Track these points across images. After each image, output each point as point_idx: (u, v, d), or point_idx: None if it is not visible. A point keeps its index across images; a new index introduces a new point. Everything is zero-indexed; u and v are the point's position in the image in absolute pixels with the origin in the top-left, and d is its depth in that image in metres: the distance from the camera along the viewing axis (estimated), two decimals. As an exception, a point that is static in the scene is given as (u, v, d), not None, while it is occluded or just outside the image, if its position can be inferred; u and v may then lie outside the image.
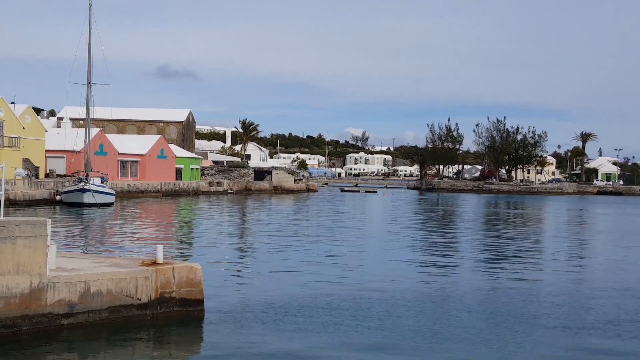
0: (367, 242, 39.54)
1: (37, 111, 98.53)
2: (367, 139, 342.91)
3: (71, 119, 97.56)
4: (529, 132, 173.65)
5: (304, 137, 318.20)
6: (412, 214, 70.83)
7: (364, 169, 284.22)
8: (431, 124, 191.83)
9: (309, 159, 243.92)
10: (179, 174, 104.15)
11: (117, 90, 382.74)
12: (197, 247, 35.04)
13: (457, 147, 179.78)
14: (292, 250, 33.60)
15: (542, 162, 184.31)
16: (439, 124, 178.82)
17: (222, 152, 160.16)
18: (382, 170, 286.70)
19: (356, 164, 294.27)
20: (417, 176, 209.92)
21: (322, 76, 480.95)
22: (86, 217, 52.02)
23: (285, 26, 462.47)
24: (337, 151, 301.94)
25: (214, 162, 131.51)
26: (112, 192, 70.71)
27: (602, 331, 17.64)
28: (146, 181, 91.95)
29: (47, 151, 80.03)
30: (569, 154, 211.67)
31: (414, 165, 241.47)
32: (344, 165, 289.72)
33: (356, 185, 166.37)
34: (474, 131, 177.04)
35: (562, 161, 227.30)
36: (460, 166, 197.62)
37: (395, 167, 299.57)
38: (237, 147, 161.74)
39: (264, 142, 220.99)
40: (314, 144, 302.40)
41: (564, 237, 47.19)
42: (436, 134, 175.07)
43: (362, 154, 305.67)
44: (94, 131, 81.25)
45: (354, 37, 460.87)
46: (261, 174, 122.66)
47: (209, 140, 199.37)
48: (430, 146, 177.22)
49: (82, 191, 64.13)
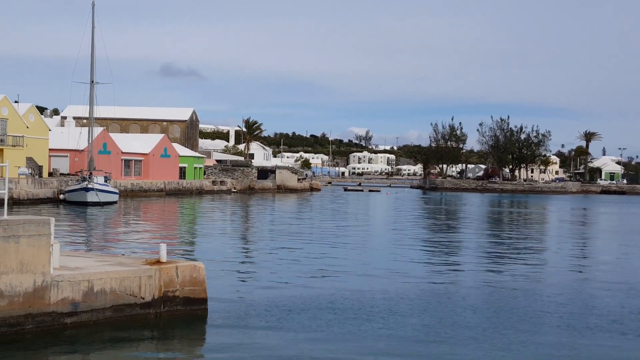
0: (370, 241, 39.52)
1: (41, 110, 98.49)
2: (370, 138, 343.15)
3: (74, 118, 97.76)
4: (533, 131, 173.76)
5: (308, 136, 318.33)
6: (416, 213, 70.76)
7: (368, 168, 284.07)
8: (435, 123, 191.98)
9: (313, 158, 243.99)
10: (182, 173, 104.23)
11: (121, 89, 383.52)
12: (200, 246, 35.03)
13: (461, 146, 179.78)
14: (295, 249, 33.57)
15: (546, 162, 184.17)
16: (443, 123, 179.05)
17: (226, 151, 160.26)
18: (385, 169, 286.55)
19: (359, 163, 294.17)
20: (420, 175, 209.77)
21: (326, 75, 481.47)
22: (90, 216, 52.06)
23: (288, 25, 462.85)
24: (341, 150, 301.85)
25: (217, 161, 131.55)
26: (116, 191, 70.78)
27: (606, 330, 17.59)
28: (150, 180, 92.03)
29: (50, 150, 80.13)
30: (573, 153, 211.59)
31: (417, 164, 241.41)
32: (348, 164, 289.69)
33: (359, 184, 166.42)
34: (478, 130, 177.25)
35: (565, 160, 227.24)
36: (463, 165, 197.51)
37: (398, 166, 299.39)
38: (241, 146, 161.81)
39: (267, 141, 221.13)
40: (317, 143, 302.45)
41: (567, 236, 47.15)
42: (440, 133, 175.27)
43: (365, 153, 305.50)
44: (98, 130, 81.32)
45: (357, 36, 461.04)
46: (264, 173, 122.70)
47: (213, 139, 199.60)
48: (433, 145, 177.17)
49: (86, 190, 64.18)
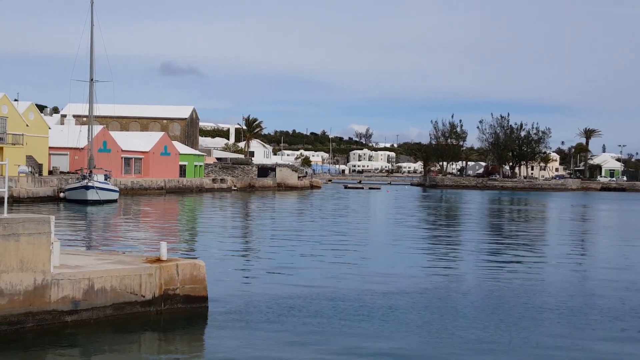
0: (371, 239, 39.51)
1: (41, 108, 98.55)
2: (370, 136, 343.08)
3: (74, 116, 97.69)
4: (533, 128, 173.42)
5: (308, 133, 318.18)
6: (416, 210, 70.76)
7: (368, 166, 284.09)
8: (435, 120, 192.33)
9: (313, 156, 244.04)
10: (182, 171, 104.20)
11: (121, 87, 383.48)
12: (200, 243, 35.00)
13: (461, 143, 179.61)
14: (296, 246, 33.56)
15: (546, 159, 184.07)
16: (443, 121, 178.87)
17: (226, 149, 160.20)
18: (385, 167, 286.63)
19: (360, 160, 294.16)
20: (420, 173, 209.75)
21: (326, 73, 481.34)
22: (90, 214, 52.05)
23: (289, 23, 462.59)
24: (341, 148, 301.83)
25: (217, 159, 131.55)
26: (116, 189, 70.74)
27: (607, 326, 17.59)
28: (150, 178, 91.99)
29: (50, 148, 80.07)
30: (573, 150, 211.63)
31: (417, 161, 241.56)
32: (348, 162, 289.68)
33: (360, 181, 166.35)
34: (478, 128, 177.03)
35: (565, 157, 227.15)
36: (464, 163, 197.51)
37: (399, 164, 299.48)
38: (241, 144, 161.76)
39: (267, 139, 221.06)
40: (317, 141, 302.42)
41: (568, 233, 47.15)
42: (440, 130, 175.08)
43: (365, 150, 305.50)
44: (98, 128, 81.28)
45: (357, 34, 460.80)
46: (265, 171, 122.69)
47: (213, 137, 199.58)
48: (434, 143, 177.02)
49: (86, 188, 64.16)
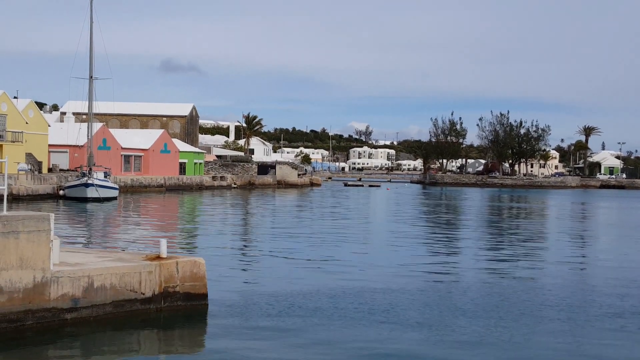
0: (371, 236, 39.49)
1: (40, 106, 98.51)
2: (370, 133, 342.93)
3: (74, 114, 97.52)
4: (532, 126, 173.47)
5: (308, 131, 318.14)
6: (416, 208, 70.74)
7: (368, 163, 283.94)
8: (435, 118, 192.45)
9: (313, 154, 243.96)
10: (182, 168, 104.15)
11: (121, 84, 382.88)
12: (200, 241, 34.98)
13: (461, 141, 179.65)
14: (296, 244, 33.54)
15: (546, 156, 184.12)
16: (443, 118, 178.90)
17: (226, 146, 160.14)
18: (385, 164, 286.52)
19: (360, 158, 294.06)
20: (420, 170, 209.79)
21: (326, 70, 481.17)
22: (89, 212, 52.04)
23: (289, 20, 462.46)
24: (341, 145, 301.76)
25: (217, 156, 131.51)
26: (116, 186, 70.71)
27: (606, 323, 17.59)
28: (149, 176, 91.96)
29: (50, 146, 79.98)
30: (572, 147, 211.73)
31: (417, 159, 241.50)
32: (348, 159, 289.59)
33: (360, 179, 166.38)
34: (478, 125, 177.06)
35: (565, 155, 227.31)
36: (463, 160, 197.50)
37: (398, 161, 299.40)
38: (241, 142, 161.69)
39: (267, 137, 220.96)
40: (317, 139, 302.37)
41: (567, 231, 47.12)
42: (440, 128, 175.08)
43: (365, 148, 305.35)
44: (97, 126, 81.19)
45: (358, 32, 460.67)
46: (265, 169, 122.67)
47: (213, 134, 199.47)
48: (433, 140, 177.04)
49: (86, 186, 64.14)
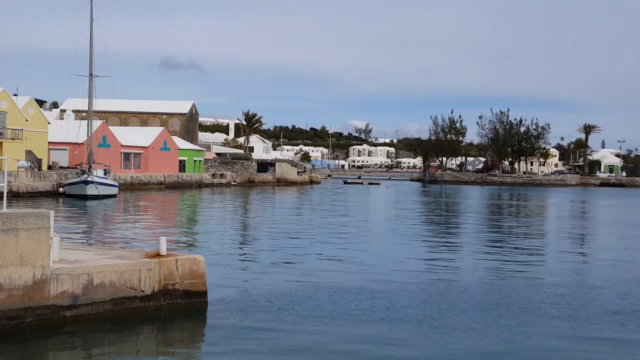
0: (370, 234, 39.44)
1: (40, 103, 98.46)
2: (370, 131, 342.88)
3: (74, 111, 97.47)
4: (532, 124, 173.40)
5: (307, 129, 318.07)
6: (415, 205, 70.72)
7: (367, 161, 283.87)
8: (434, 116, 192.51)
9: (312, 151, 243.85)
10: (182, 166, 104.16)
11: (121, 82, 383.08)
12: (200, 238, 34.97)
13: (461, 139, 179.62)
14: (295, 241, 33.53)
15: (545, 154, 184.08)
16: (443, 116, 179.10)
17: (226, 144, 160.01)
18: (385, 162, 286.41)
19: (359, 156, 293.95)
20: (420, 168, 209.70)
21: (326, 68, 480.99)
22: (89, 209, 52.00)
23: (289, 18, 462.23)
24: (341, 143, 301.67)
25: (217, 154, 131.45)
26: (115, 184, 70.66)
27: (607, 321, 17.60)
28: (149, 173, 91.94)
29: (50, 143, 80.00)
30: (572, 145, 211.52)
31: (417, 157, 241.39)
32: (347, 157, 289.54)
33: (359, 177, 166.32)
34: (477, 123, 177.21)
35: (565, 153, 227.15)
36: (463, 158, 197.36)
37: (398, 159, 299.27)
38: (241, 139, 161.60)
39: (267, 134, 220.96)
40: (317, 136, 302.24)
41: (567, 229, 47.11)
42: (439, 126, 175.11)
43: (365, 146, 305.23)
44: (97, 123, 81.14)
45: (357, 29, 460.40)
46: (264, 166, 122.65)
47: (212, 132, 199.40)
48: (433, 138, 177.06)
49: (85, 183, 64.09)
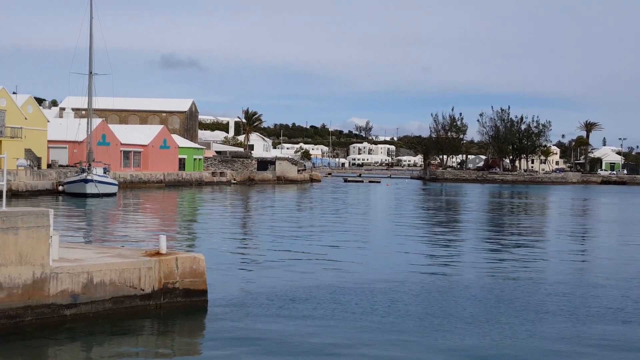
0: (371, 232, 39.40)
1: (39, 101, 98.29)
2: (370, 129, 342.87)
3: (73, 109, 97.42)
4: (533, 121, 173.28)
5: (308, 127, 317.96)
6: (416, 204, 70.68)
7: (368, 159, 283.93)
8: (435, 113, 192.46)
9: (313, 149, 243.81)
10: (182, 164, 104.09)
11: (121, 80, 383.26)
12: (200, 237, 34.89)
13: (461, 137, 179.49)
14: (296, 240, 33.47)
15: (546, 152, 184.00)
16: (443, 114, 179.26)
17: (225, 142, 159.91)
18: (385, 160, 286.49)
19: (360, 154, 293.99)
20: (420, 166, 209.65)
21: (326, 66, 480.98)
22: (89, 208, 51.94)
23: (289, 16, 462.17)
24: (341, 141, 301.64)
25: (217, 152, 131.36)
26: (115, 182, 70.58)
27: (609, 318, 17.55)
28: (149, 171, 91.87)
29: (49, 141, 79.90)
30: (573, 143, 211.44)
31: (417, 155, 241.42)
32: (348, 155, 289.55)
33: (360, 175, 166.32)
34: (478, 121, 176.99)
35: (566, 151, 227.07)
36: (464, 156, 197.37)
37: (399, 157, 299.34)
38: (240, 138, 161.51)
39: (267, 132, 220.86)
40: (317, 134, 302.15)
41: (568, 227, 47.04)
42: (440, 123, 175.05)
43: (365, 144, 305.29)
44: (97, 121, 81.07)
45: (358, 27, 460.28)
46: (264, 164, 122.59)
47: (212, 130, 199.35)
48: (434, 136, 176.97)
49: (85, 181, 64.02)
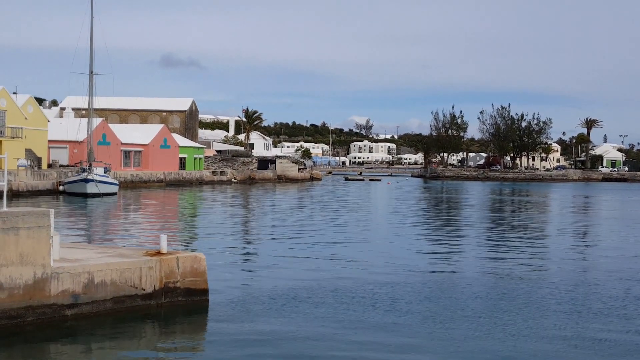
0: (372, 230, 39.38)
1: (39, 101, 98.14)
2: (371, 127, 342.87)
3: (73, 109, 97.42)
4: (534, 119, 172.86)
5: (308, 125, 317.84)
6: (417, 202, 70.66)
7: (368, 157, 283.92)
8: (435, 111, 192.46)
9: (313, 148, 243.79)
10: (182, 163, 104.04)
11: (121, 79, 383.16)
12: (201, 236, 34.88)
13: (462, 134, 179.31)
14: (297, 238, 33.44)
15: (547, 149, 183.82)
16: (444, 112, 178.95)
17: (226, 141, 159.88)
18: (386, 158, 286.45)
19: (360, 152, 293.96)
20: (421, 164, 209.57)
21: (326, 64, 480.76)
22: (89, 208, 51.92)
23: (289, 14, 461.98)
24: (341, 140, 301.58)
25: (217, 151, 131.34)
26: (116, 182, 70.55)
27: (611, 315, 17.54)
28: (149, 171, 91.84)
29: (49, 141, 79.83)
30: (574, 140, 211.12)
31: (418, 153, 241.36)
32: (348, 153, 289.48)
33: (360, 173, 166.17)
34: (479, 118, 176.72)
35: (567, 148, 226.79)
36: (464, 154, 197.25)
37: (399, 155, 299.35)
38: (241, 136, 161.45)
39: (267, 131, 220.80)
40: (317, 133, 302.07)
41: (569, 224, 47.01)
42: (440, 121, 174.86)
43: (366, 142, 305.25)
44: (97, 121, 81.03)
45: (358, 25, 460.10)
46: (265, 163, 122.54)
47: (212, 129, 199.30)
48: (434, 134, 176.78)
49: (85, 181, 63.99)
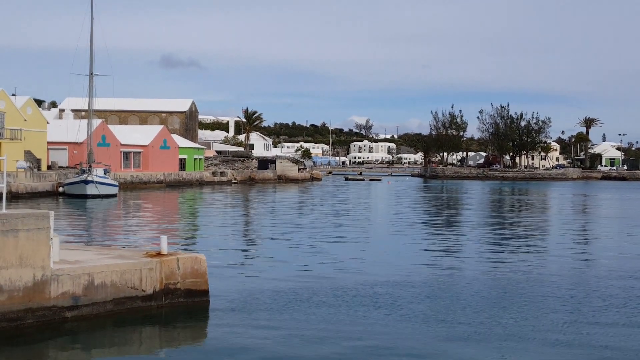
0: (372, 230, 39.39)
1: (39, 103, 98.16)
2: (371, 127, 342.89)
3: (73, 110, 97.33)
4: (533, 118, 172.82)
5: (308, 125, 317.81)
6: (417, 201, 70.65)
7: (368, 157, 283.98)
8: (435, 111, 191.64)
9: (313, 148, 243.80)
10: (182, 164, 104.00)
11: (121, 80, 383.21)
12: (201, 237, 34.87)
13: (461, 134, 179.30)
14: (297, 238, 33.40)
15: (546, 148, 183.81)
16: (443, 111, 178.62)
17: (226, 142, 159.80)
18: (386, 158, 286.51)
19: (360, 152, 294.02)
20: (421, 164, 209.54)
21: (326, 64, 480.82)
22: (89, 209, 51.91)
23: (289, 14, 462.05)
24: (341, 140, 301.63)
25: (217, 152, 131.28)
26: (115, 183, 70.51)
27: (611, 314, 17.53)
28: (149, 172, 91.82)
29: (49, 143, 79.77)
30: (573, 139, 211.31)
31: (418, 152, 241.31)
32: (348, 153, 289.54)
33: (360, 173, 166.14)
34: (478, 118, 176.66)
35: (566, 147, 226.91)
36: (464, 153, 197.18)
37: (399, 155, 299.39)
38: (241, 137, 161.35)
39: (267, 132, 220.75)
40: (317, 133, 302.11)
41: (569, 223, 46.99)
42: (440, 121, 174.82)
43: (366, 142, 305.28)
44: (96, 122, 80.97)
45: (358, 25, 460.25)
46: (265, 164, 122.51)
47: (212, 130, 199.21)
48: (434, 133, 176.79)
49: (85, 183, 63.95)
